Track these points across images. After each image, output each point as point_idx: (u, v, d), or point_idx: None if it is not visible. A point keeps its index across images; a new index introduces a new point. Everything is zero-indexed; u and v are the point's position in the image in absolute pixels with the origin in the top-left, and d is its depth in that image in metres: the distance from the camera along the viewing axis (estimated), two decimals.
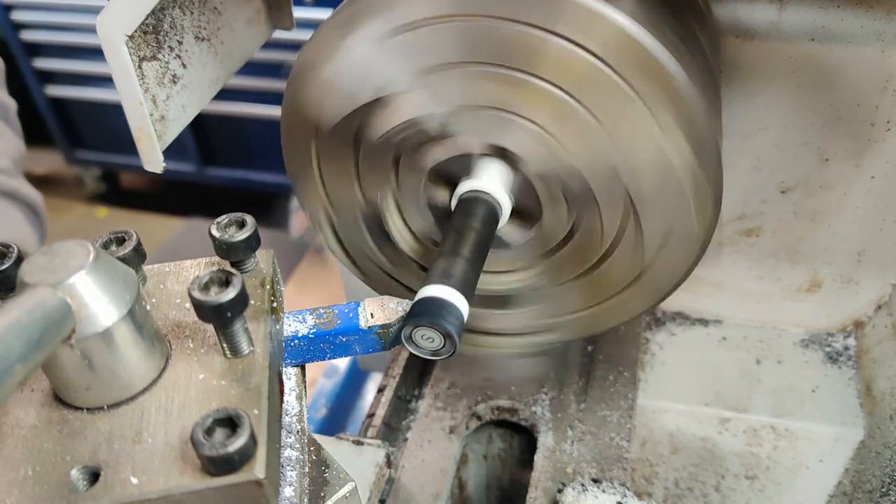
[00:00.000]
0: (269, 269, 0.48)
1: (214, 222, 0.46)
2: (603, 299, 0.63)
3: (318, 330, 0.51)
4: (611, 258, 0.60)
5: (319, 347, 0.52)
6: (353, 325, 0.51)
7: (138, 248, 0.44)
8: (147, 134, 0.59)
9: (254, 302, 0.45)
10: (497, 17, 0.51)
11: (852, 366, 0.87)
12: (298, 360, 0.52)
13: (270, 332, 0.45)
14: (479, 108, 0.56)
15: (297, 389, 0.50)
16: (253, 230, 0.46)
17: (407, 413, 0.82)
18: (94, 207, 3.64)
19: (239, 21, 0.70)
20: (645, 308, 0.63)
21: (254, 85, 2.81)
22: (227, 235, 0.46)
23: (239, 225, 0.46)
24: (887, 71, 0.69)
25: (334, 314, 0.52)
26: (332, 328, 0.51)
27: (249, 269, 0.48)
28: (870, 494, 0.79)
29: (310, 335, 0.51)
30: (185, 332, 0.44)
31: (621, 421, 0.77)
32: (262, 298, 0.46)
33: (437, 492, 0.73)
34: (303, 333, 0.51)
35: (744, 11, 0.69)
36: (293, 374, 0.51)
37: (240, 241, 0.45)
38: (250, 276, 0.48)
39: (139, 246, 0.45)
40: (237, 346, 0.42)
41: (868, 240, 0.82)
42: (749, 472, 0.88)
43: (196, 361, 0.42)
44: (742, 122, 0.76)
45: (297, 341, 0.51)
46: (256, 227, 0.46)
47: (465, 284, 0.52)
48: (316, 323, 0.52)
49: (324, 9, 2.32)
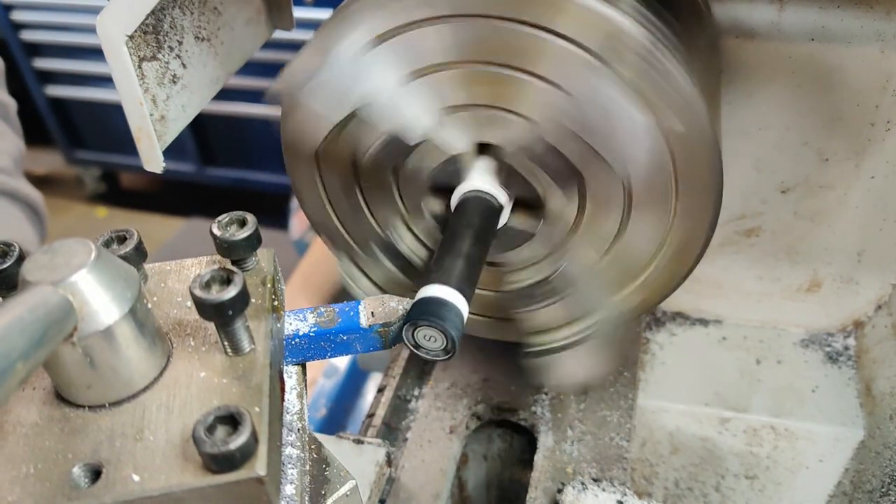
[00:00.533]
0: (269, 268, 0.48)
1: (215, 221, 0.46)
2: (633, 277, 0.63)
3: (318, 328, 0.51)
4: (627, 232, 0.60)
5: (320, 346, 0.52)
6: (355, 324, 0.52)
7: (139, 247, 0.45)
8: (147, 134, 0.59)
9: (255, 300, 0.45)
10: (488, 15, 0.51)
11: (852, 366, 0.87)
12: (299, 358, 0.52)
13: (271, 331, 0.45)
14: (455, 109, 0.57)
15: (298, 388, 0.50)
16: (254, 229, 0.46)
17: (407, 413, 0.82)
18: (94, 207, 3.64)
19: (239, 21, 0.70)
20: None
21: (254, 85, 2.81)
22: (228, 234, 0.46)
23: (240, 223, 0.46)
24: (887, 71, 0.69)
25: (335, 312, 0.52)
26: (332, 327, 0.51)
27: (250, 268, 0.48)
28: (870, 494, 0.79)
29: (311, 333, 0.51)
30: (187, 331, 0.44)
31: (621, 421, 0.77)
32: (263, 297, 0.46)
33: (437, 492, 0.73)
34: (304, 332, 0.51)
35: (744, 11, 0.69)
36: (294, 373, 0.51)
37: (241, 240, 0.46)
38: (251, 274, 0.48)
39: (140, 244, 0.45)
40: (238, 345, 0.42)
41: (868, 240, 0.82)
42: (749, 472, 0.88)
43: (197, 359, 0.42)
44: (742, 122, 0.76)
45: (297, 340, 0.51)
46: (257, 225, 0.46)
47: (466, 284, 0.53)
48: (317, 321, 0.52)
49: (324, 9, 2.32)
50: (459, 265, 0.53)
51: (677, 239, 0.59)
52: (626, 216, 0.59)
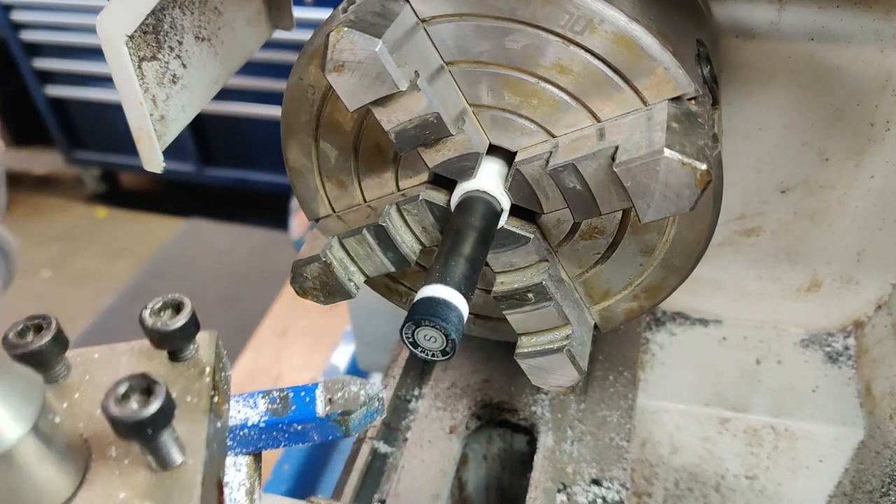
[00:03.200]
0: (210, 356, 0.42)
1: (146, 306, 0.40)
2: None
3: (270, 417, 0.46)
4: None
5: (272, 436, 0.47)
6: (310, 412, 0.47)
7: (59, 336, 0.39)
8: (147, 134, 0.59)
9: (190, 399, 0.40)
10: (497, 16, 0.51)
11: (852, 366, 0.87)
12: (249, 449, 0.47)
13: (208, 436, 0.39)
14: (479, 108, 0.56)
15: (248, 482, 0.45)
16: (190, 315, 0.40)
17: (407, 413, 0.82)
18: (94, 207, 3.64)
19: (239, 21, 0.70)
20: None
21: (254, 85, 2.82)
22: (160, 322, 0.40)
23: (175, 309, 0.40)
24: (887, 71, 0.69)
25: (289, 399, 0.47)
26: (285, 415, 0.46)
27: (188, 357, 0.42)
28: (870, 494, 0.79)
29: (261, 424, 0.46)
30: (108, 438, 0.38)
31: (621, 421, 0.77)
32: (200, 393, 0.40)
33: (437, 492, 0.73)
34: (253, 422, 0.46)
35: (744, 11, 0.69)
36: (244, 465, 0.46)
37: (175, 330, 0.40)
38: (189, 365, 0.42)
39: (59, 333, 0.39)
40: (166, 459, 0.37)
41: (868, 240, 0.82)
42: (749, 472, 0.88)
43: (118, 476, 0.37)
44: (742, 122, 0.76)
45: (246, 430, 0.46)
46: (194, 310, 0.40)
47: (466, 285, 0.52)
48: (268, 409, 0.47)
49: (324, 9, 2.32)
50: (461, 266, 0.53)
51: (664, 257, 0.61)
52: (613, 245, 0.61)
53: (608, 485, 0.70)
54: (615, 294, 0.65)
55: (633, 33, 0.50)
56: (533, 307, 0.63)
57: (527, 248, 0.62)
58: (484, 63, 0.54)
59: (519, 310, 0.63)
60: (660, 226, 0.59)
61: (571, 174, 0.54)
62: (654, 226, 0.59)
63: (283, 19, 0.76)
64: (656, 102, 0.51)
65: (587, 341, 0.65)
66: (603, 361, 0.84)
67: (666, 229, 0.59)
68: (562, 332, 0.63)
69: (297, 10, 0.76)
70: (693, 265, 0.61)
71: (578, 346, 0.63)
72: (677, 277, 0.62)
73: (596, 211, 0.54)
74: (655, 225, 0.58)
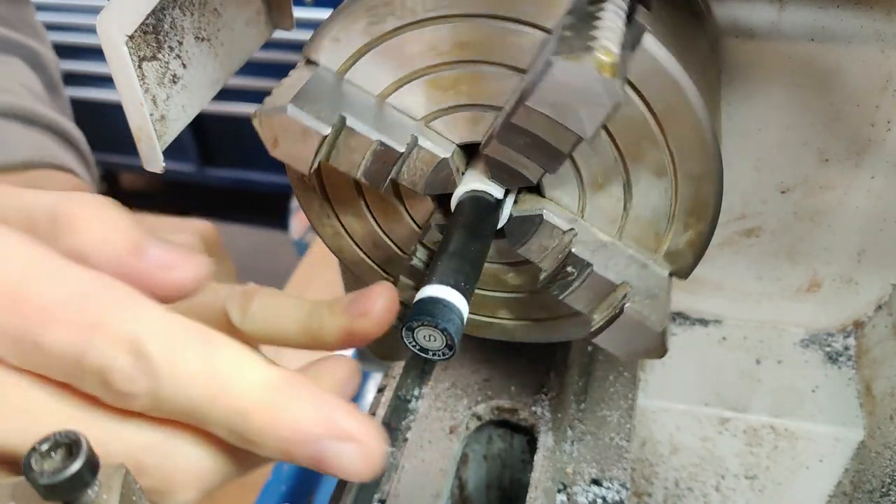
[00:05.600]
0: (114, 499, 0.31)
1: (33, 447, 0.30)
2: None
3: None
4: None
5: None
6: None
7: (92, 460, 0.30)
8: (147, 134, 0.59)
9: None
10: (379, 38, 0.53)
11: (852, 366, 0.87)
12: None
13: None
14: (431, 116, 0.57)
15: None
16: (86, 455, 0.30)
17: (407, 413, 0.82)
18: None
19: (239, 21, 0.70)
20: None
21: (254, 85, 2.82)
22: (48, 468, 0.29)
23: (67, 449, 0.30)
24: (887, 71, 0.69)
25: None
26: None
27: (89, 502, 0.32)
28: (870, 494, 0.79)
29: None
30: None
31: (621, 421, 0.77)
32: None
33: (437, 492, 0.73)
34: None
35: (743, 11, 0.69)
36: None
37: (66, 479, 0.29)
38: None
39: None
40: None
41: (868, 240, 0.82)
42: (749, 472, 0.88)
43: None
44: (742, 122, 0.76)
45: None
46: (90, 449, 0.30)
47: (463, 281, 0.52)
48: None
49: (324, 9, 2.32)
50: (455, 263, 0.53)
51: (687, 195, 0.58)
52: (628, 184, 0.58)
53: (608, 485, 0.70)
54: (666, 232, 0.61)
55: None
56: (580, 280, 0.60)
57: (546, 227, 0.60)
58: (405, 78, 0.56)
59: (570, 289, 0.61)
60: (647, 136, 0.55)
61: (512, 132, 0.51)
62: (644, 140, 0.56)
63: (283, 19, 0.76)
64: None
65: (659, 294, 0.61)
66: (603, 361, 0.84)
67: (655, 137, 0.55)
68: (618, 294, 0.60)
69: (297, 10, 0.76)
70: (713, 164, 0.56)
71: (644, 300, 0.60)
72: (709, 183, 0.57)
73: (558, 152, 0.51)
74: (643, 138, 0.55)
